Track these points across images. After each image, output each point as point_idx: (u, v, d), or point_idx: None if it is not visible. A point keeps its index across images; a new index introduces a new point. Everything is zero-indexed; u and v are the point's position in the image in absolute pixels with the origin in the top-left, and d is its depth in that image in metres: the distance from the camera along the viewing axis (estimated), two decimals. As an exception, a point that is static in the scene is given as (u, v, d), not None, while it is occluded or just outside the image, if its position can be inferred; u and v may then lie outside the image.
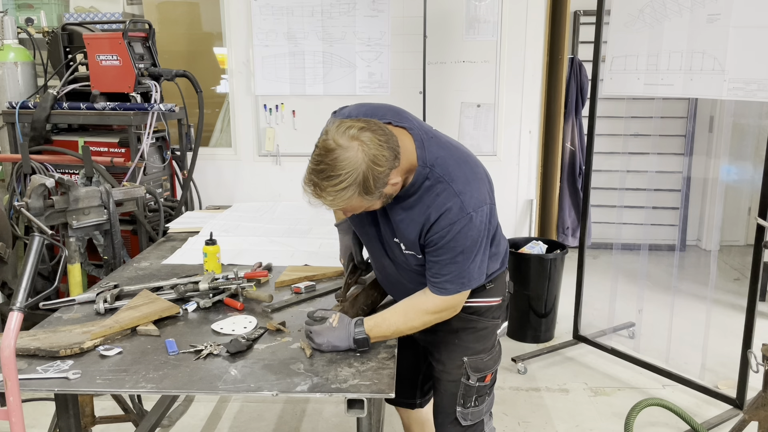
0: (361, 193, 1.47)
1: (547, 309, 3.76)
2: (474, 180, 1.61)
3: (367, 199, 1.51)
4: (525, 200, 4.53)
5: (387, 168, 1.48)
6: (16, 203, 2.78)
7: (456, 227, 1.56)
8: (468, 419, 1.87)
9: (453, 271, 1.62)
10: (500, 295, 1.87)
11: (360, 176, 1.44)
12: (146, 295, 1.96)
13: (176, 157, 3.94)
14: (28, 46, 3.86)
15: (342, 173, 1.43)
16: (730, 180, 5.26)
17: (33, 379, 1.52)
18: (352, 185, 1.44)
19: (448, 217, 1.56)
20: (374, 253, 1.85)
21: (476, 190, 1.59)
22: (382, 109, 1.69)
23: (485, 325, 1.85)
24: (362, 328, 1.64)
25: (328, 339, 1.64)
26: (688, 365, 3.33)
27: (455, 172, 1.59)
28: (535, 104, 4.38)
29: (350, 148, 1.44)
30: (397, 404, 2.25)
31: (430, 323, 1.72)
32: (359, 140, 1.45)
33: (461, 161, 1.63)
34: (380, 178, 1.47)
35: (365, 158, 1.44)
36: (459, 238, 1.58)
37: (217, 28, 4.47)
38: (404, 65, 4.27)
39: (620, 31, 3.17)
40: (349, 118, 1.54)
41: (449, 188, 1.57)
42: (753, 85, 2.61)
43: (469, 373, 1.83)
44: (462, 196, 1.56)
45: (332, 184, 1.44)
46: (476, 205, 1.58)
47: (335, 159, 1.44)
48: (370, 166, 1.44)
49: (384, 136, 1.48)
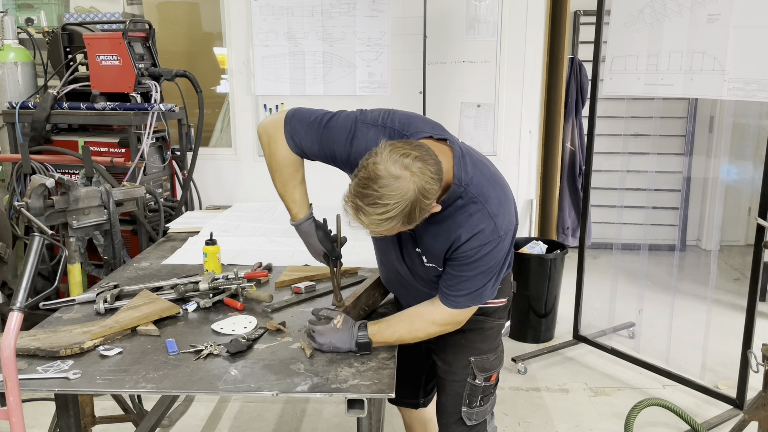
0: (404, 222, 1.43)
1: (547, 309, 3.76)
2: (506, 202, 1.60)
3: (407, 226, 1.46)
4: (525, 200, 4.53)
5: (433, 200, 1.45)
6: (16, 203, 2.78)
7: (487, 248, 1.55)
8: (473, 419, 1.87)
9: (470, 287, 1.62)
10: (506, 295, 1.88)
11: (407, 208, 1.39)
12: (146, 295, 1.96)
13: (176, 157, 3.94)
14: (28, 46, 3.86)
15: (390, 203, 1.38)
16: (730, 180, 5.26)
17: (33, 379, 1.52)
18: (397, 216, 1.39)
19: (480, 238, 1.54)
20: (388, 257, 1.82)
21: (508, 212, 1.59)
22: (417, 120, 1.64)
23: (491, 325, 1.86)
24: (365, 332, 1.64)
25: (330, 340, 1.64)
26: (688, 365, 3.33)
27: (489, 193, 1.56)
28: (535, 104, 4.38)
29: (401, 178, 1.38)
30: (400, 404, 2.25)
31: (433, 335, 1.72)
32: (410, 170, 1.39)
33: (494, 181, 1.61)
34: (425, 209, 1.44)
35: (415, 189, 1.38)
36: (486, 259, 1.57)
37: (217, 28, 4.46)
38: (404, 65, 4.27)
39: (620, 31, 3.17)
40: (402, 142, 1.47)
41: (484, 209, 1.54)
42: (753, 85, 2.61)
43: (476, 373, 1.83)
44: (496, 219, 1.55)
45: (377, 212, 1.39)
46: (507, 228, 1.57)
47: (384, 187, 1.37)
48: (419, 198, 1.40)
49: (435, 167, 1.43)
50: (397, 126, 1.62)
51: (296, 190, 1.80)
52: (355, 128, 1.65)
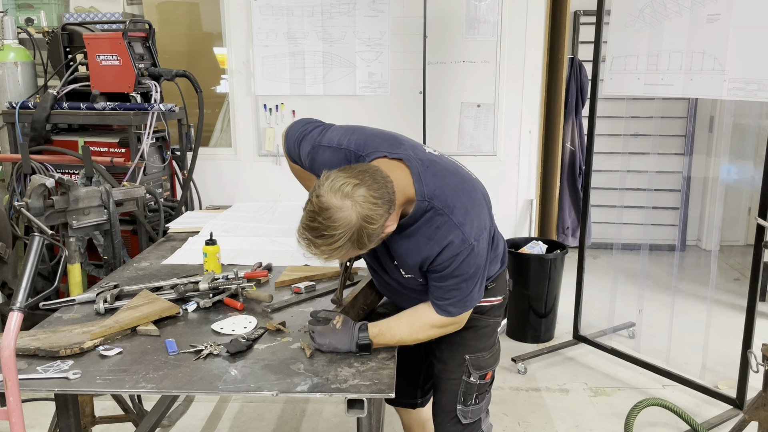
0: (354, 247, 1.47)
1: (547, 309, 3.76)
2: (473, 208, 1.60)
3: (364, 249, 1.51)
4: (525, 200, 4.53)
5: (380, 224, 1.46)
6: (16, 203, 2.78)
7: (459, 258, 1.56)
8: (468, 417, 1.88)
9: (456, 296, 1.63)
10: (501, 294, 1.88)
11: (354, 234, 1.43)
12: (146, 295, 1.96)
13: (176, 157, 3.94)
14: (28, 46, 3.86)
15: (336, 233, 1.42)
16: (730, 180, 5.26)
17: (33, 379, 1.53)
18: (345, 243, 1.44)
19: (451, 249, 1.56)
20: (372, 268, 1.85)
21: (476, 218, 1.59)
22: (374, 140, 1.67)
23: (487, 323, 1.86)
24: (366, 334, 1.64)
25: (330, 341, 1.64)
26: (688, 365, 3.33)
27: (454, 203, 1.57)
28: (535, 104, 4.39)
29: (343, 208, 1.42)
30: (398, 404, 2.24)
31: (434, 337, 1.73)
32: (352, 199, 1.42)
33: (458, 190, 1.61)
34: (374, 234, 1.47)
35: (358, 218, 1.42)
36: (463, 267, 1.58)
37: (217, 28, 4.47)
38: (404, 65, 4.27)
39: (620, 31, 3.17)
40: (346, 169, 1.50)
41: (449, 221, 1.56)
42: (753, 85, 2.61)
43: (471, 370, 1.84)
44: (463, 228, 1.56)
45: (326, 242, 1.44)
46: (477, 234, 1.58)
47: (329, 218, 1.42)
48: (363, 225, 1.43)
49: (378, 191, 1.45)
50: (353, 147, 1.66)
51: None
52: (314, 151, 1.73)
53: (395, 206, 1.51)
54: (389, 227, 1.52)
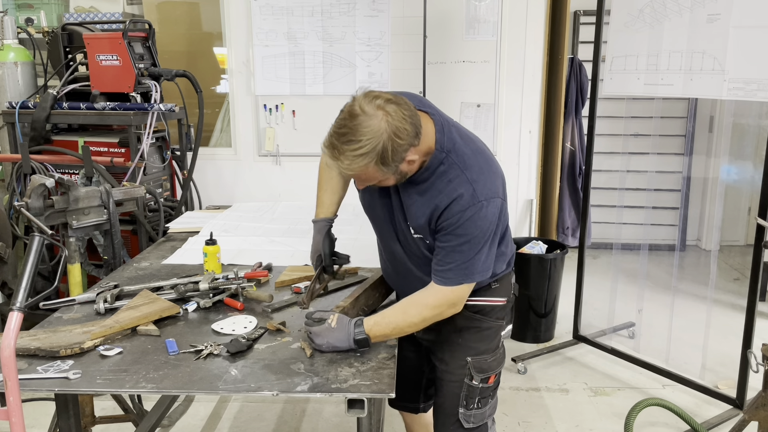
0: (378, 162, 1.48)
1: (547, 309, 3.76)
2: (488, 171, 1.62)
3: (383, 171, 1.52)
4: (525, 200, 4.53)
5: (407, 143, 1.49)
6: (16, 203, 2.78)
7: (467, 214, 1.57)
8: (471, 422, 1.86)
9: (457, 260, 1.61)
10: (505, 295, 1.86)
11: (380, 146, 1.45)
12: (146, 295, 1.96)
13: (176, 157, 3.94)
14: (28, 46, 3.86)
15: (363, 139, 1.45)
16: (730, 180, 5.26)
17: (33, 379, 1.52)
18: (370, 153, 1.46)
19: (459, 203, 1.57)
20: (384, 237, 1.84)
21: (490, 181, 1.61)
22: (404, 95, 1.70)
23: (489, 325, 1.85)
24: (362, 328, 1.63)
25: (328, 340, 1.64)
26: (688, 365, 3.33)
27: (470, 161, 1.60)
28: (535, 104, 4.38)
29: (374, 117, 1.46)
30: (400, 408, 2.24)
31: (430, 320, 1.69)
32: (384, 110, 1.46)
33: (477, 152, 1.65)
34: (399, 152, 1.49)
35: (388, 128, 1.46)
36: (468, 226, 1.57)
37: (217, 28, 4.46)
38: (404, 65, 4.27)
39: (620, 31, 3.17)
40: (379, 91, 1.55)
41: (462, 175, 1.58)
42: (753, 85, 2.61)
43: (473, 373, 1.82)
44: (475, 185, 1.57)
45: (351, 148, 1.46)
46: (488, 196, 1.58)
47: (358, 125, 1.46)
48: (392, 137, 1.46)
49: (409, 111, 1.50)
50: None
51: (326, 194, 1.93)
52: None
53: (420, 139, 1.53)
54: (411, 157, 1.53)
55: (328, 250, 1.90)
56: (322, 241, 1.90)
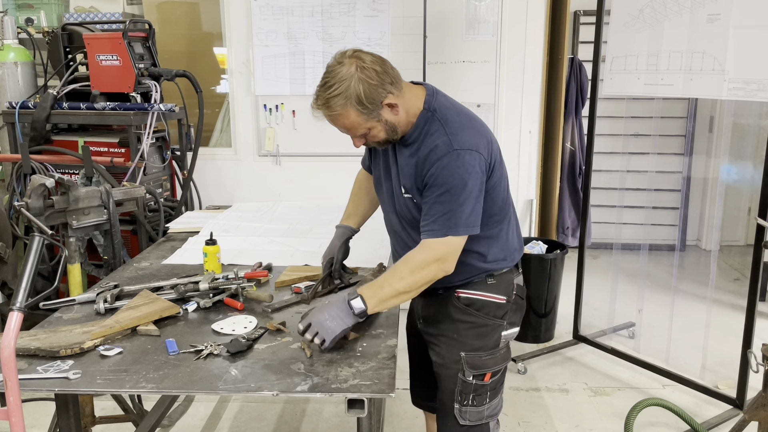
0: (354, 105, 1.61)
1: (547, 309, 3.76)
2: (470, 128, 1.70)
3: (364, 116, 1.64)
4: (525, 200, 4.53)
5: (378, 83, 1.62)
6: (16, 203, 2.78)
7: (442, 162, 1.64)
8: (466, 419, 1.86)
9: (439, 210, 1.65)
10: (503, 293, 1.86)
11: (351, 86, 1.60)
12: (146, 295, 1.96)
13: (176, 157, 3.93)
14: (28, 46, 3.86)
15: (335, 82, 1.61)
16: (730, 180, 5.26)
17: (33, 379, 1.53)
18: (344, 93, 1.60)
19: (436, 153, 1.66)
20: (386, 209, 1.92)
21: (469, 136, 1.68)
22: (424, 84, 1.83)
23: (485, 323, 1.85)
24: (357, 297, 1.64)
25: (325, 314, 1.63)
26: (688, 365, 3.33)
27: (453, 119, 1.70)
28: (535, 104, 4.38)
29: (347, 64, 1.63)
30: (421, 406, 2.27)
31: (423, 279, 1.67)
32: (356, 57, 1.64)
33: (462, 113, 1.74)
34: (371, 93, 1.61)
35: (357, 71, 1.61)
36: (445, 175, 1.64)
37: (217, 28, 4.46)
38: (404, 65, 4.26)
39: (620, 31, 3.17)
40: None
41: (441, 129, 1.68)
42: (753, 85, 2.61)
43: (465, 368, 1.83)
44: (451, 137, 1.66)
45: (328, 93, 1.62)
46: (464, 146, 1.65)
47: (333, 72, 1.63)
48: (362, 78, 1.61)
49: (381, 59, 1.66)
50: None
51: (351, 204, 2.12)
52: None
53: (399, 86, 1.67)
54: (390, 101, 1.64)
55: (341, 257, 2.00)
56: (339, 248, 2.02)
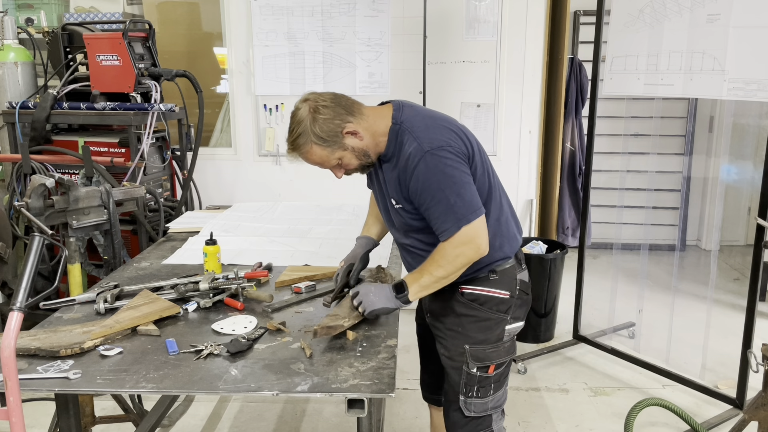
0: (315, 141, 1.72)
1: (547, 309, 3.76)
2: (435, 128, 1.76)
3: (329, 148, 1.74)
4: (525, 200, 4.53)
5: (331, 116, 1.71)
6: (16, 203, 2.78)
7: (420, 167, 1.69)
8: (471, 410, 1.89)
9: (441, 210, 1.70)
10: (506, 289, 1.89)
11: (308, 126, 1.71)
12: (146, 295, 1.96)
13: (176, 157, 3.94)
14: (28, 46, 3.86)
15: (295, 125, 1.74)
16: (730, 180, 5.26)
17: (33, 379, 1.53)
18: (303, 133, 1.72)
19: (412, 160, 1.71)
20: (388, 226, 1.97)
21: (437, 134, 1.74)
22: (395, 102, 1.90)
23: (488, 317, 1.87)
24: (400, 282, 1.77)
25: (371, 289, 1.79)
26: (688, 365, 3.33)
27: (417, 124, 1.77)
28: (535, 104, 4.38)
29: (302, 108, 1.75)
30: (428, 400, 2.30)
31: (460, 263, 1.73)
32: (309, 100, 1.75)
33: (427, 117, 1.81)
34: (328, 127, 1.71)
35: (310, 112, 1.72)
36: (428, 176, 1.69)
37: (217, 28, 4.46)
38: (404, 65, 4.26)
39: (620, 31, 3.17)
40: None
41: (410, 137, 1.74)
42: (753, 85, 2.61)
43: (470, 361, 1.85)
44: (419, 140, 1.72)
45: (292, 136, 1.75)
46: (435, 144, 1.71)
47: (293, 117, 1.76)
48: (316, 117, 1.71)
49: (332, 95, 1.77)
50: None
51: (371, 217, 2.16)
52: None
53: (355, 114, 1.76)
54: (352, 131, 1.74)
55: (361, 267, 2.03)
56: (361, 257, 2.04)
